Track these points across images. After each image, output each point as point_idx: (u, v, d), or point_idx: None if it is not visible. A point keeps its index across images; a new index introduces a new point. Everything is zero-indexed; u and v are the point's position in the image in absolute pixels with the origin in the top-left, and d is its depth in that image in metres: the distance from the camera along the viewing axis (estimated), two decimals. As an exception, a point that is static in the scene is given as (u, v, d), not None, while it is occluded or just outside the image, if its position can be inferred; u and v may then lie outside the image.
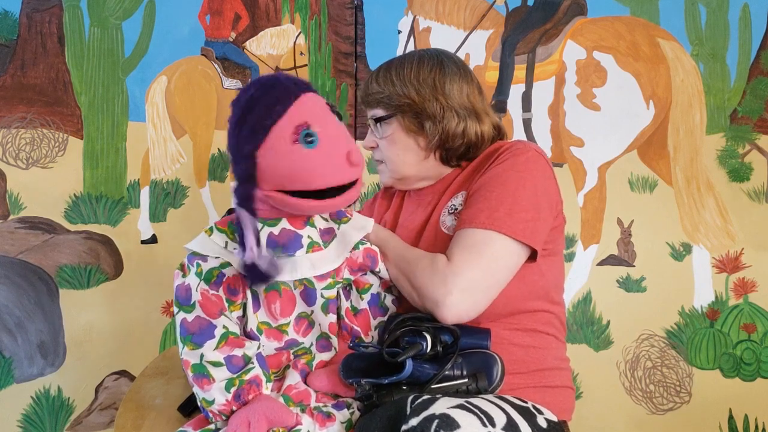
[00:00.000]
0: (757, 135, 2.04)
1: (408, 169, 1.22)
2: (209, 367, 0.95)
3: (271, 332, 1.02)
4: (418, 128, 1.18)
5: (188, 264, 0.98)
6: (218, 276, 0.96)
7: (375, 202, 1.41)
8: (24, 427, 1.91)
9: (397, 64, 1.21)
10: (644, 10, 2.04)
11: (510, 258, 1.06)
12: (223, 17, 2.02)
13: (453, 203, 1.16)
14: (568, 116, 2.04)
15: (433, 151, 1.20)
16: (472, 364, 0.97)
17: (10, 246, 1.91)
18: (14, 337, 1.91)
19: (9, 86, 1.92)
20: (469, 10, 2.06)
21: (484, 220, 1.05)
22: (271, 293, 1.00)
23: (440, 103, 1.16)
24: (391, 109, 1.19)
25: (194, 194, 2.02)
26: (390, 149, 1.22)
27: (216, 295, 0.97)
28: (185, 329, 0.97)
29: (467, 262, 1.02)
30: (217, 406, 0.95)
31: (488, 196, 1.08)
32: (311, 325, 1.05)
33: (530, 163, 1.12)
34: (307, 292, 1.02)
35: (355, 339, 1.09)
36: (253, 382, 0.96)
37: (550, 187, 1.14)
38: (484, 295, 1.04)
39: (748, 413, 2.02)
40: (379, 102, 1.21)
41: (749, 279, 2.03)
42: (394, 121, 1.20)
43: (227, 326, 0.97)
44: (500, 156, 1.14)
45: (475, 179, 1.14)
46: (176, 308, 0.98)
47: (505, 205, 1.06)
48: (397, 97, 1.18)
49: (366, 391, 0.97)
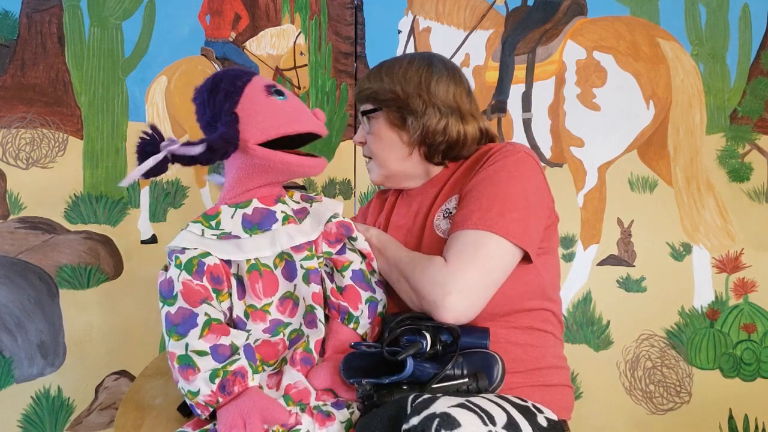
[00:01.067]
0: (757, 135, 2.04)
1: (393, 164, 1.25)
2: (194, 356, 0.95)
3: (257, 314, 1.03)
4: (400, 123, 1.21)
5: (168, 260, 1.01)
6: (198, 264, 0.98)
7: (369, 207, 1.43)
8: (24, 427, 1.91)
9: (389, 63, 1.25)
10: (644, 10, 2.05)
11: (504, 258, 1.07)
12: (223, 17, 2.02)
13: (447, 207, 1.17)
14: (568, 116, 2.04)
15: (415, 146, 1.22)
16: (472, 364, 0.98)
17: (10, 246, 1.91)
18: (14, 337, 1.91)
19: (9, 86, 1.92)
20: (469, 10, 2.06)
21: (476, 221, 1.06)
22: (252, 273, 1.02)
23: (423, 99, 1.19)
24: (377, 103, 1.23)
25: (194, 194, 2.02)
26: (376, 144, 1.25)
27: (200, 284, 0.98)
28: (169, 322, 0.98)
29: (463, 263, 1.03)
30: (203, 397, 0.94)
31: (479, 197, 1.09)
32: (296, 304, 1.06)
33: (520, 164, 1.14)
34: (288, 266, 1.04)
35: (344, 315, 1.10)
36: (238, 373, 0.95)
37: (540, 186, 1.15)
38: (482, 296, 1.05)
39: (748, 413, 2.02)
40: (368, 97, 1.24)
41: (749, 279, 2.03)
42: (380, 115, 1.23)
43: (209, 313, 0.98)
44: (490, 158, 1.15)
45: (467, 182, 1.16)
46: (161, 303, 1.00)
47: (496, 206, 1.07)
48: (383, 92, 1.21)
49: (367, 391, 0.97)
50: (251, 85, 1.01)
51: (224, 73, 1.04)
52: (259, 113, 0.98)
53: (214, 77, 1.03)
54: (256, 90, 1.00)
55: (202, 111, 1.03)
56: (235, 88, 0.99)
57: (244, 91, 0.99)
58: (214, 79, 1.02)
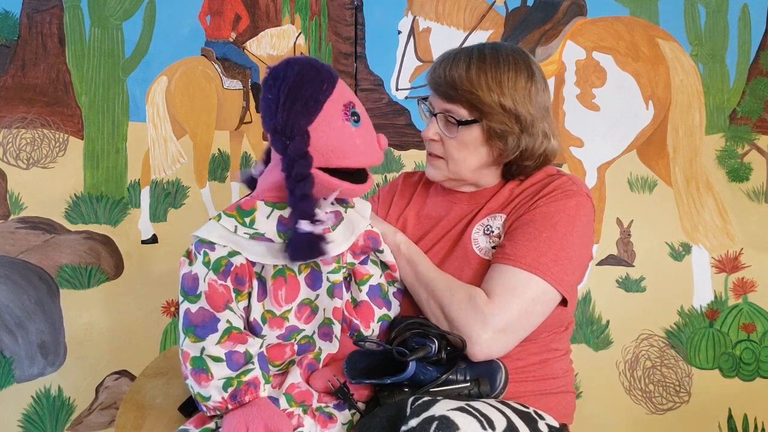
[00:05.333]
0: (757, 135, 2.04)
1: (468, 173, 1.15)
2: (209, 361, 0.94)
3: (274, 320, 1.01)
4: (498, 138, 1.10)
5: (195, 252, 0.97)
6: (226, 265, 0.95)
7: (395, 190, 1.33)
8: (24, 426, 1.91)
9: (493, 66, 1.10)
10: (644, 11, 2.05)
11: (547, 304, 1.05)
12: (223, 18, 2.02)
13: (489, 224, 1.13)
14: (568, 116, 2.04)
15: (502, 162, 1.15)
16: (475, 370, 0.98)
17: (11, 246, 1.92)
18: (15, 337, 1.91)
19: (9, 86, 1.92)
20: (469, 10, 2.06)
21: (530, 263, 1.03)
22: (278, 279, 1.00)
23: (531, 115, 1.10)
24: (477, 113, 1.10)
25: (194, 194, 2.02)
26: (459, 151, 1.13)
27: (224, 285, 0.95)
28: (188, 320, 0.95)
29: (507, 304, 1.01)
30: (213, 403, 0.94)
31: (536, 237, 1.05)
32: (314, 312, 1.05)
33: (581, 208, 1.10)
34: (313, 275, 1.02)
35: (354, 332, 1.09)
36: (252, 384, 0.95)
37: (591, 235, 1.14)
38: (517, 338, 1.03)
39: (748, 413, 2.02)
40: (466, 101, 1.10)
41: (748, 279, 2.03)
42: (476, 126, 1.11)
43: (231, 320, 0.96)
44: (552, 193, 1.11)
45: (520, 207, 1.12)
46: (181, 297, 0.97)
47: (552, 250, 1.04)
48: (490, 104, 1.09)
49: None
50: (331, 101, 0.94)
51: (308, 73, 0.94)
52: (330, 140, 0.93)
53: (298, 75, 0.94)
54: (334, 110, 0.94)
55: (272, 111, 0.94)
56: (315, 102, 0.93)
57: (323, 108, 0.93)
58: (298, 77, 0.94)
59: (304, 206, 0.92)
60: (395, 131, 2.04)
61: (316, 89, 0.94)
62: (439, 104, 1.13)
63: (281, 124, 0.93)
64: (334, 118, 0.94)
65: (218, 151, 2.03)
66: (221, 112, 2.03)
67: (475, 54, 1.12)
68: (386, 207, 1.29)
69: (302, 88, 0.93)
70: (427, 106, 1.17)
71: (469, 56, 1.11)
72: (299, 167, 0.92)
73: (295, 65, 0.95)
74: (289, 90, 0.93)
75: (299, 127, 0.92)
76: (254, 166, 1.09)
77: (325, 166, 0.94)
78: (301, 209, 0.92)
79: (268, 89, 0.95)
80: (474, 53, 1.12)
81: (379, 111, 2.03)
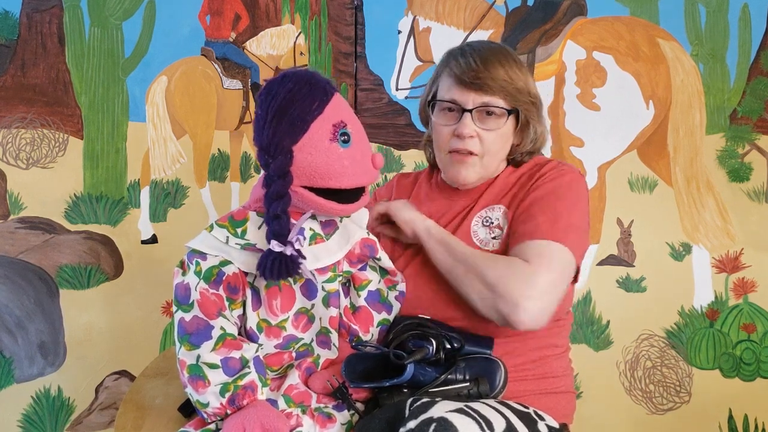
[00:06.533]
0: (757, 135, 2.04)
1: (495, 166, 1.17)
2: (205, 368, 0.95)
3: (271, 330, 1.02)
4: (524, 127, 1.13)
5: (188, 262, 0.98)
6: (218, 274, 0.96)
7: (392, 191, 1.33)
8: (24, 427, 1.91)
9: (510, 55, 1.12)
10: (644, 11, 2.04)
11: (570, 269, 1.06)
12: (223, 17, 2.02)
13: (488, 215, 1.14)
14: (568, 116, 2.04)
15: (515, 152, 1.16)
16: (474, 369, 0.98)
17: (11, 246, 1.92)
18: (14, 337, 1.91)
19: (9, 86, 1.92)
20: (469, 10, 2.05)
21: (547, 231, 1.04)
22: (272, 289, 1.00)
23: (541, 103, 1.15)
24: (514, 102, 1.11)
25: (194, 194, 2.02)
26: (497, 143, 1.12)
27: (216, 294, 0.96)
28: (183, 329, 0.97)
29: (546, 266, 1.01)
30: (212, 409, 0.95)
31: (545, 210, 1.06)
32: (311, 321, 1.05)
33: (578, 182, 1.13)
34: (308, 285, 1.02)
35: (353, 338, 1.09)
36: (249, 388, 0.96)
37: (588, 209, 1.15)
38: (555, 302, 1.03)
39: (748, 413, 2.02)
40: (503, 90, 1.09)
41: (749, 279, 2.03)
42: (512, 117, 1.12)
43: (224, 327, 0.97)
44: (546, 174, 1.12)
45: (519, 194, 1.12)
46: (175, 307, 0.98)
47: (563, 220, 1.05)
48: (524, 92, 1.11)
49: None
50: (321, 120, 0.94)
51: (300, 90, 0.94)
52: (316, 159, 0.93)
53: (290, 92, 0.94)
54: (322, 130, 0.93)
55: (260, 128, 0.95)
56: (303, 122, 0.93)
57: (310, 128, 0.93)
58: (289, 95, 0.94)
59: (276, 225, 0.91)
60: (395, 131, 2.04)
61: (305, 108, 0.93)
62: (474, 98, 1.10)
63: (266, 142, 0.94)
64: (321, 139, 0.93)
65: (218, 151, 2.03)
66: (221, 111, 2.03)
67: (492, 46, 1.14)
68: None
69: (291, 107, 0.93)
70: (448, 104, 1.14)
71: (488, 49, 1.13)
72: (277, 186, 0.92)
73: (289, 81, 0.95)
74: (278, 108, 0.93)
75: (283, 147, 0.92)
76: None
77: (309, 185, 0.94)
78: (273, 228, 0.92)
79: (260, 105, 0.96)
80: (486, 46, 1.14)
81: (379, 111, 2.03)
